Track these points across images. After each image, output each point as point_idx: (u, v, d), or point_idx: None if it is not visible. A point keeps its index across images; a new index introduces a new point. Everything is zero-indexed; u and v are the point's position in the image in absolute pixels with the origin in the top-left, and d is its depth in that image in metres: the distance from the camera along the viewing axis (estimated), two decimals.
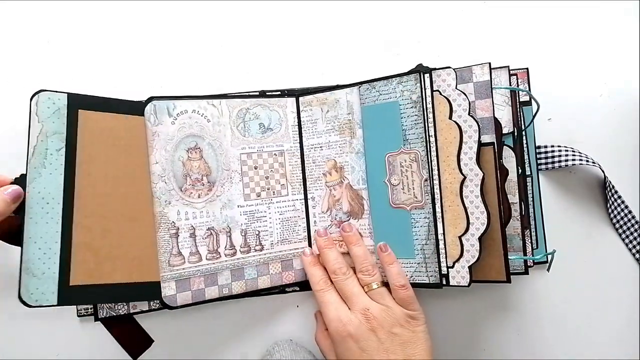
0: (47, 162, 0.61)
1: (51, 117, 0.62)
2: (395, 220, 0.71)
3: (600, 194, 0.82)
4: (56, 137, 0.62)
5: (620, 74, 0.82)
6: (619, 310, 0.82)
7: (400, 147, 0.71)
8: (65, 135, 0.63)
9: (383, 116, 0.72)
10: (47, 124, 0.62)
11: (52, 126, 0.62)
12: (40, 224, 0.61)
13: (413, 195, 0.70)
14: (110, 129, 0.66)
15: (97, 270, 0.64)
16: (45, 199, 0.61)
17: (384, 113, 0.72)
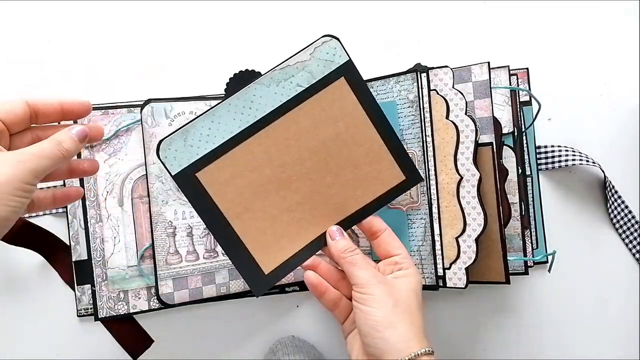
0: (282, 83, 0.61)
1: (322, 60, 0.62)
2: (391, 221, 0.71)
3: (600, 194, 0.82)
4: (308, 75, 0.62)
5: (620, 74, 0.82)
6: (619, 310, 0.82)
7: None
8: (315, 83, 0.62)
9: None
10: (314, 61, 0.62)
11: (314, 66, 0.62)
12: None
13: (409, 196, 0.70)
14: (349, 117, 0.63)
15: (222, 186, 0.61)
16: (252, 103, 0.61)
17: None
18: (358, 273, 0.59)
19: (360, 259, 0.61)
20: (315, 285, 0.65)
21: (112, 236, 0.70)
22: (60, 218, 0.74)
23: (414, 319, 0.57)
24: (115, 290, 0.70)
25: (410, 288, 0.60)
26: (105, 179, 0.71)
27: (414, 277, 0.61)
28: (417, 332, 0.57)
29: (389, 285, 0.59)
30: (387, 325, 0.56)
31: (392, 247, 0.63)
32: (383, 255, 0.64)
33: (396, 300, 0.57)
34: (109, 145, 0.71)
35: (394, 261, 0.62)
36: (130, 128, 0.72)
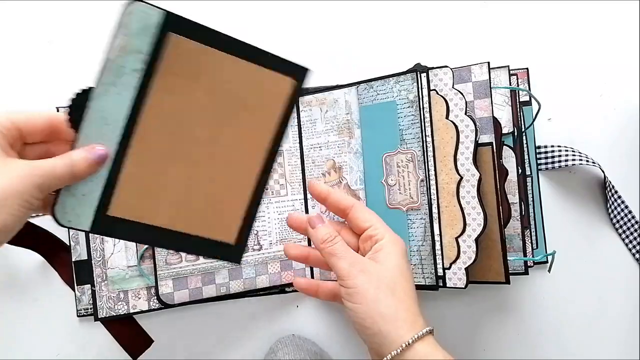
0: (119, 80, 0.54)
1: (139, 33, 0.54)
2: (391, 221, 0.71)
3: (600, 194, 0.82)
4: (137, 56, 0.54)
5: (620, 74, 0.82)
6: (619, 310, 0.82)
7: (397, 147, 0.71)
8: (148, 58, 0.54)
9: (380, 116, 0.72)
10: (131, 39, 0.53)
11: (136, 43, 0.53)
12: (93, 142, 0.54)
13: (409, 196, 0.70)
14: (199, 63, 0.57)
15: (137, 206, 0.57)
16: (107, 119, 0.54)
17: (381, 113, 0.72)
18: (338, 264, 0.59)
19: (339, 248, 0.60)
20: (306, 289, 0.66)
21: None
22: None
23: (400, 299, 0.57)
24: (115, 290, 0.71)
25: (391, 261, 0.59)
26: None
27: (392, 245, 0.60)
28: (407, 313, 0.56)
29: (368, 272, 0.57)
30: (374, 318, 0.56)
31: (362, 220, 0.62)
32: (358, 232, 0.63)
33: (377, 287, 0.56)
34: None
35: (368, 235, 0.61)
36: None
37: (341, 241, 0.61)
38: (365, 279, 0.57)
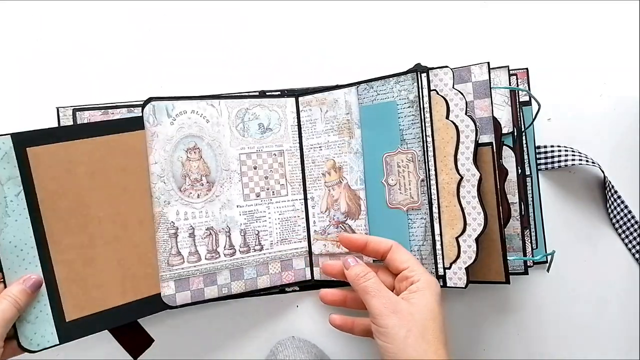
0: (9, 210, 0.59)
1: (1, 162, 0.59)
2: (392, 221, 0.71)
3: (600, 194, 0.82)
4: (11, 182, 0.59)
5: (620, 74, 0.82)
6: (619, 310, 0.82)
7: (397, 147, 0.71)
8: (20, 178, 0.60)
9: (381, 116, 0.72)
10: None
11: (3, 172, 0.59)
12: (19, 272, 0.60)
13: (409, 196, 0.70)
14: (65, 158, 0.63)
15: (87, 301, 0.64)
16: (18, 246, 0.60)
17: (381, 113, 0.72)
18: (371, 302, 0.60)
19: (372, 286, 0.61)
20: (341, 325, 0.69)
21: None
22: None
23: (429, 342, 0.57)
24: None
25: (424, 304, 0.59)
26: None
27: (427, 289, 0.60)
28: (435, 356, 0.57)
29: (400, 314, 0.58)
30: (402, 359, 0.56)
31: (400, 261, 0.63)
32: (395, 272, 0.65)
33: (408, 330, 0.57)
34: None
35: (404, 276, 0.63)
36: None
37: (375, 278, 0.63)
38: (397, 320, 0.58)
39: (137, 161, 0.67)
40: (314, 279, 0.78)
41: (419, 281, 0.61)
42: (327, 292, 0.70)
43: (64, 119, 0.72)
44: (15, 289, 0.58)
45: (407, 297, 0.60)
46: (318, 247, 0.77)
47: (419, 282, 0.61)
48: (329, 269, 0.69)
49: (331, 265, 0.68)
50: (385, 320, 0.58)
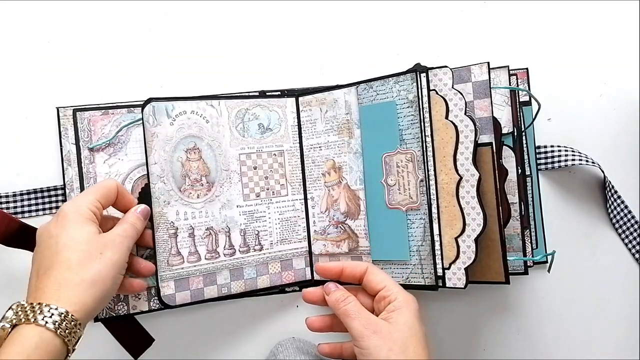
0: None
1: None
2: (391, 221, 0.71)
3: (600, 194, 0.82)
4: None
5: (620, 74, 0.82)
6: (619, 310, 0.82)
7: (396, 148, 0.71)
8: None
9: (380, 116, 0.72)
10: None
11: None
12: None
13: (408, 196, 0.70)
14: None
15: None
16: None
17: (381, 113, 0.72)
18: (351, 324, 0.61)
19: (351, 309, 0.62)
20: (330, 353, 0.70)
21: None
22: None
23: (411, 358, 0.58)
24: None
25: (403, 322, 0.60)
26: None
27: (405, 307, 0.61)
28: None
29: (381, 334, 0.59)
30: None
31: (376, 282, 0.64)
32: (372, 293, 0.65)
33: (389, 349, 0.58)
34: (109, 145, 0.71)
35: (381, 296, 0.63)
36: (130, 128, 0.72)
37: (355, 301, 0.63)
38: (377, 340, 0.59)
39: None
40: (314, 279, 0.78)
41: (395, 300, 0.62)
42: (313, 320, 0.70)
43: (64, 119, 0.72)
44: (132, 216, 0.64)
45: (386, 316, 0.61)
46: (318, 247, 0.77)
47: (396, 300, 0.62)
48: (309, 297, 0.69)
49: (311, 293, 0.69)
50: (366, 341, 0.59)
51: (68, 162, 0.72)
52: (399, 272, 0.71)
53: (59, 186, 0.74)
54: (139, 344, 0.74)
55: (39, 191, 0.74)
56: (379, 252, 0.73)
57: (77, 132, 0.71)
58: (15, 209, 0.74)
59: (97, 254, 0.56)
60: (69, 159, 0.72)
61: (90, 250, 0.56)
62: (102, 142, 0.71)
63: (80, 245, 0.56)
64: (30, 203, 0.74)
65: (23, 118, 0.75)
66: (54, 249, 0.56)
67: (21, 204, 0.74)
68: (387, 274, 0.66)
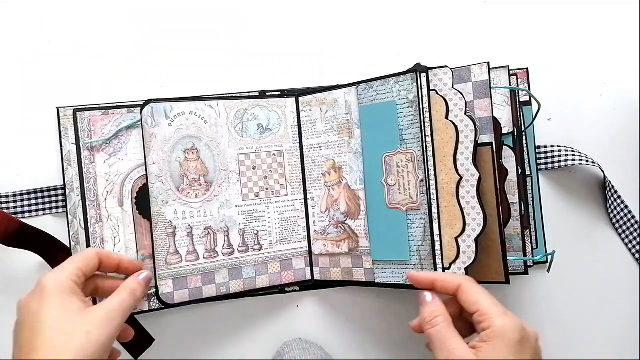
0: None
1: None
2: (391, 221, 0.71)
3: (600, 194, 0.82)
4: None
5: (620, 74, 0.82)
6: (619, 310, 0.82)
7: (397, 147, 0.71)
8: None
9: (381, 116, 0.72)
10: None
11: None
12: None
13: (409, 196, 0.70)
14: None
15: None
16: None
17: (381, 113, 0.72)
18: (434, 351, 0.56)
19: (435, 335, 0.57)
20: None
21: (112, 236, 0.71)
22: (61, 218, 0.75)
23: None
24: None
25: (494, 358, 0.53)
26: (105, 179, 0.71)
27: (499, 338, 0.54)
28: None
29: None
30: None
31: (469, 303, 0.58)
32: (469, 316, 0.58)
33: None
34: (109, 145, 0.71)
35: (475, 320, 0.57)
36: (130, 128, 0.72)
37: (442, 324, 0.57)
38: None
39: None
40: (314, 279, 0.78)
41: (489, 328, 0.54)
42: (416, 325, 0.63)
43: (64, 119, 0.72)
44: (133, 283, 0.60)
45: (477, 345, 0.55)
46: (318, 247, 0.77)
47: (490, 329, 0.54)
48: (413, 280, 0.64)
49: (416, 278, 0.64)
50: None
51: (68, 162, 0.72)
52: (399, 272, 0.71)
53: (59, 186, 0.74)
54: (140, 344, 0.74)
55: (39, 191, 0.74)
56: (379, 252, 0.73)
57: (77, 132, 0.71)
58: (15, 209, 0.74)
59: (82, 334, 0.51)
60: (69, 159, 0.72)
61: (75, 333, 0.51)
62: (100, 140, 0.71)
63: (64, 327, 0.52)
64: (30, 203, 0.74)
65: (23, 118, 0.75)
66: (37, 328, 0.52)
67: (21, 204, 0.74)
68: (483, 291, 0.58)
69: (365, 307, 0.81)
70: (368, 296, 0.80)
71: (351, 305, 0.81)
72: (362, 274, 0.74)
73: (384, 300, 0.80)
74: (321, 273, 0.77)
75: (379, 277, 0.73)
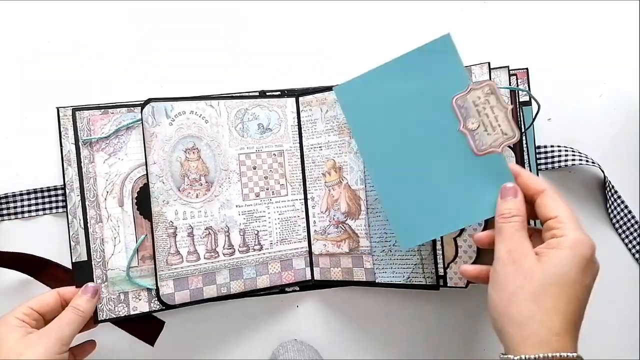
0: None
1: None
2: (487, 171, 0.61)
3: (600, 194, 0.82)
4: None
5: (620, 74, 0.82)
6: (619, 310, 0.82)
7: (468, 85, 0.61)
8: None
9: (431, 60, 0.64)
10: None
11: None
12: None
13: (501, 133, 0.60)
14: None
15: None
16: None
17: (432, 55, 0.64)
18: (498, 245, 0.54)
19: (508, 229, 0.54)
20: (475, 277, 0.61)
21: (112, 237, 0.71)
22: (61, 218, 0.74)
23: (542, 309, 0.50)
24: (115, 292, 0.70)
25: (555, 264, 0.51)
26: (105, 179, 0.71)
27: (569, 248, 0.51)
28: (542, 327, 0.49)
29: (520, 266, 0.51)
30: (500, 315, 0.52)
31: (549, 208, 0.55)
32: (543, 220, 0.56)
33: (519, 287, 0.51)
34: (108, 145, 0.71)
35: (549, 226, 0.54)
36: (130, 128, 0.72)
37: (519, 223, 0.55)
38: (511, 270, 0.52)
39: None
40: (314, 279, 0.78)
41: (562, 236, 0.52)
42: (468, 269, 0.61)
43: (64, 118, 0.72)
44: (77, 299, 0.66)
45: (541, 251, 0.53)
46: (318, 247, 0.77)
47: (562, 238, 0.52)
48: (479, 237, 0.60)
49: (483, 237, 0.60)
50: (500, 266, 0.53)
51: (68, 162, 0.72)
52: (399, 272, 0.71)
53: (59, 186, 0.74)
54: (152, 331, 0.74)
55: (38, 191, 0.74)
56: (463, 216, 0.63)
57: (77, 132, 0.71)
58: (15, 209, 0.74)
59: (16, 356, 0.59)
60: (69, 159, 0.72)
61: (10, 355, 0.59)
62: (96, 138, 0.71)
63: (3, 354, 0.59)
64: (30, 203, 0.74)
65: (23, 118, 0.75)
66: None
67: (21, 204, 0.74)
68: (566, 205, 0.55)
69: (365, 307, 0.81)
70: (368, 296, 0.80)
71: (351, 305, 0.81)
72: (363, 274, 0.74)
73: (384, 300, 0.80)
74: (321, 273, 0.77)
75: (379, 277, 0.73)
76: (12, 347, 0.59)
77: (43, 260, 0.73)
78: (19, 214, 0.74)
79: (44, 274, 0.72)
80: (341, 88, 0.66)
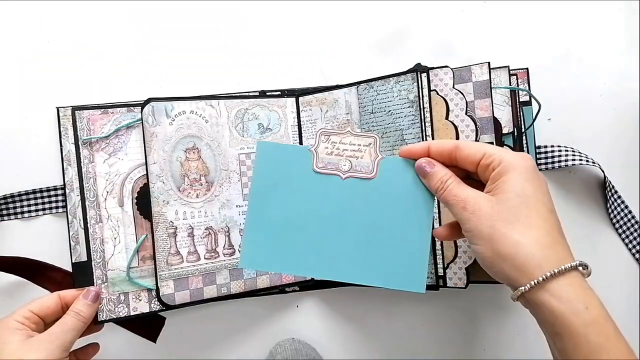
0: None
1: None
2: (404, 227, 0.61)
3: (600, 194, 0.82)
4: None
5: (620, 74, 0.82)
6: (619, 310, 0.82)
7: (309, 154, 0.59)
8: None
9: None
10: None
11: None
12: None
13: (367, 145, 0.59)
14: None
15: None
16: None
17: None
18: (453, 211, 0.54)
19: (449, 195, 0.54)
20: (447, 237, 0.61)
21: (112, 237, 0.70)
22: (61, 218, 0.74)
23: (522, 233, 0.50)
24: (115, 292, 0.70)
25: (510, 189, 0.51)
26: (105, 179, 0.71)
27: (511, 171, 0.52)
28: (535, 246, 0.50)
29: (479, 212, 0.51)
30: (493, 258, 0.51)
31: (472, 154, 0.54)
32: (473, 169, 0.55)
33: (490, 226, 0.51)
34: (108, 144, 0.71)
35: (484, 165, 0.54)
36: (130, 127, 0.72)
37: (452, 183, 0.54)
38: (476, 220, 0.51)
39: None
40: (314, 279, 0.78)
41: (500, 165, 0.52)
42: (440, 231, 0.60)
43: (64, 118, 0.72)
44: (78, 303, 0.66)
45: (490, 188, 0.53)
46: None
47: (500, 165, 0.52)
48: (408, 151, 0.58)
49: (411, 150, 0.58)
50: (466, 224, 0.52)
51: (68, 162, 0.72)
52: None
53: (59, 186, 0.74)
54: (153, 328, 0.74)
55: (38, 191, 0.74)
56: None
57: (77, 132, 0.71)
58: (15, 209, 0.74)
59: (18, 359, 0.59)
60: (69, 159, 0.71)
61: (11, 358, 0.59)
62: (96, 137, 0.71)
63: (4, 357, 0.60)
64: (30, 203, 0.74)
65: (23, 118, 0.75)
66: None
67: (21, 204, 0.74)
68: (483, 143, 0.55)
69: (365, 307, 0.81)
70: (368, 296, 0.80)
71: (351, 305, 0.81)
72: None
73: (384, 300, 0.80)
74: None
75: None
76: (14, 350, 0.59)
77: (41, 264, 0.73)
78: (19, 214, 0.74)
79: (42, 278, 0.73)
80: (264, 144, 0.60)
